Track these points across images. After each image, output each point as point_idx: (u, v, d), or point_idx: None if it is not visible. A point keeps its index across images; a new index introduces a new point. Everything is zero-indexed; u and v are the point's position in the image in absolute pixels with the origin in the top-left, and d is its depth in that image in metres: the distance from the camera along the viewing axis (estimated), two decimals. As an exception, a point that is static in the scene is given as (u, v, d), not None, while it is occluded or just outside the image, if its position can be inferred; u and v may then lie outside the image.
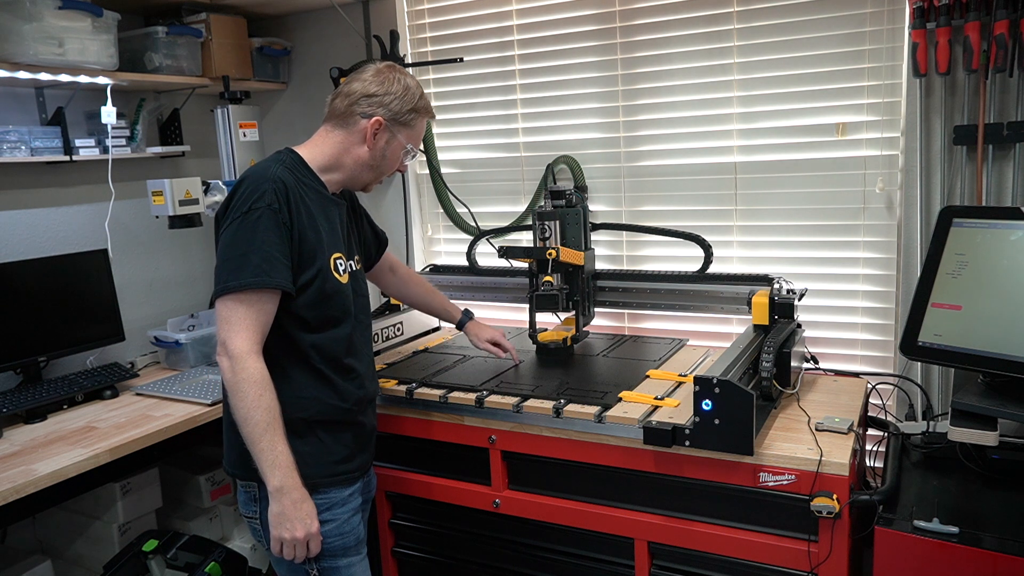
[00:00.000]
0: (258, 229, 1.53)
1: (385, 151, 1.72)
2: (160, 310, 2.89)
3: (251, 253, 1.51)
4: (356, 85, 1.68)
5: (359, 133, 1.68)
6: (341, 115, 1.69)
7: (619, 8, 2.49)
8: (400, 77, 1.70)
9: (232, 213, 1.55)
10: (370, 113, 1.67)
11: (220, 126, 2.59)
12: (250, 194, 1.55)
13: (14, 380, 2.40)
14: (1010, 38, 1.84)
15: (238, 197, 1.56)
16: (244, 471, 1.63)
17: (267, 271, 1.52)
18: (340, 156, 1.70)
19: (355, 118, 1.68)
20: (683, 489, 1.81)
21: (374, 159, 1.71)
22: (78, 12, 2.25)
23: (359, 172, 1.73)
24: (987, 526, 1.58)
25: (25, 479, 1.81)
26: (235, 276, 1.51)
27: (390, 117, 1.68)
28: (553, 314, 2.45)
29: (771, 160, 2.36)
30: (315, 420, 1.65)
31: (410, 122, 1.72)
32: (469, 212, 2.81)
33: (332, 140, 1.70)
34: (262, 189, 1.55)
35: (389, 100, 1.67)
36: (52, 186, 2.57)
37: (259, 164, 1.65)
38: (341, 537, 1.67)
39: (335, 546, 1.66)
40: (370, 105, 1.67)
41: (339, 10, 2.82)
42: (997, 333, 1.68)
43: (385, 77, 1.69)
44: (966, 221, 1.82)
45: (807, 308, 2.29)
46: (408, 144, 1.74)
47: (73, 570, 2.52)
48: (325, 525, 1.62)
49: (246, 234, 1.53)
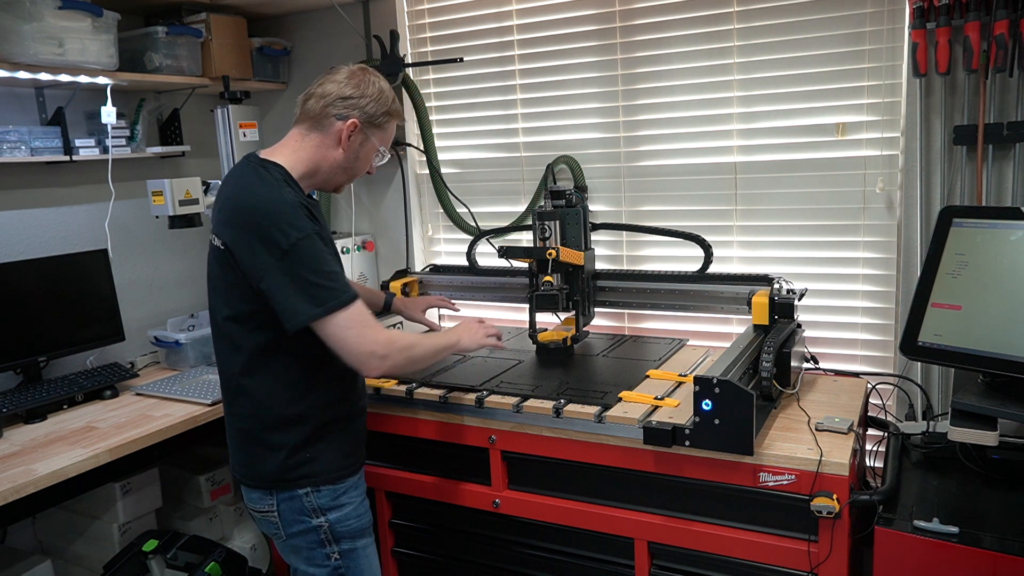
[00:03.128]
0: (314, 254, 1.55)
1: (359, 153, 1.72)
2: (160, 310, 2.89)
3: (320, 279, 1.54)
4: (330, 87, 1.68)
5: (334, 135, 1.68)
6: (315, 117, 1.68)
7: (619, 8, 2.49)
8: (374, 80, 1.71)
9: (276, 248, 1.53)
10: (345, 115, 1.67)
11: (220, 126, 2.59)
12: (288, 226, 1.54)
13: (14, 380, 2.40)
14: (1010, 38, 1.84)
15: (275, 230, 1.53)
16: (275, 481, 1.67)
17: (337, 293, 1.56)
18: (317, 161, 1.70)
19: (330, 120, 1.67)
20: (683, 489, 1.81)
21: (348, 161, 1.71)
22: (78, 12, 2.25)
23: (333, 174, 1.73)
24: (987, 526, 1.58)
25: (25, 479, 1.81)
26: (315, 304, 1.53)
27: (365, 120, 1.69)
28: (553, 314, 2.45)
29: (771, 160, 2.36)
30: (339, 417, 1.72)
31: (383, 124, 1.73)
32: (469, 212, 2.81)
33: (309, 144, 1.69)
34: (298, 216, 1.56)
35: (365, 103, 1.68)
36: (52, 186, 2.57)
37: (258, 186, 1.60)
38: (358, 519, 1.75)
39: (353, 528, 1.73)
40: (345, 107, 1.66)
41: (339, 10, 2.82)
42: (997, 333, 1.68)
43: (360, 80, 1.69)
44: (966, 221, 1.82)
45: (807, 308, 2.29)
46: (381, 146, 1.76)
47: (73, 570, 2.52)
48: (344, 509, 1.71)
49: (307, 263, 1.54)
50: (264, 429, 1.66)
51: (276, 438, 1.66)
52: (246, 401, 1.67)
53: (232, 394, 1.70)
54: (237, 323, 1.64)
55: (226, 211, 1.62)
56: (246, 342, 1.64)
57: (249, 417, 1.68)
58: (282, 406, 1.66)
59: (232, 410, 1.71)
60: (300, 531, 1.70)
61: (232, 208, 1.60)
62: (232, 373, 1.67)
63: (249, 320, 1.62)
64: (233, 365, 1.67)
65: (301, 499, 1.68)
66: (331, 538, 1.70)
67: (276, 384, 1.65)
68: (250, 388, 1.66)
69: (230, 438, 1.75)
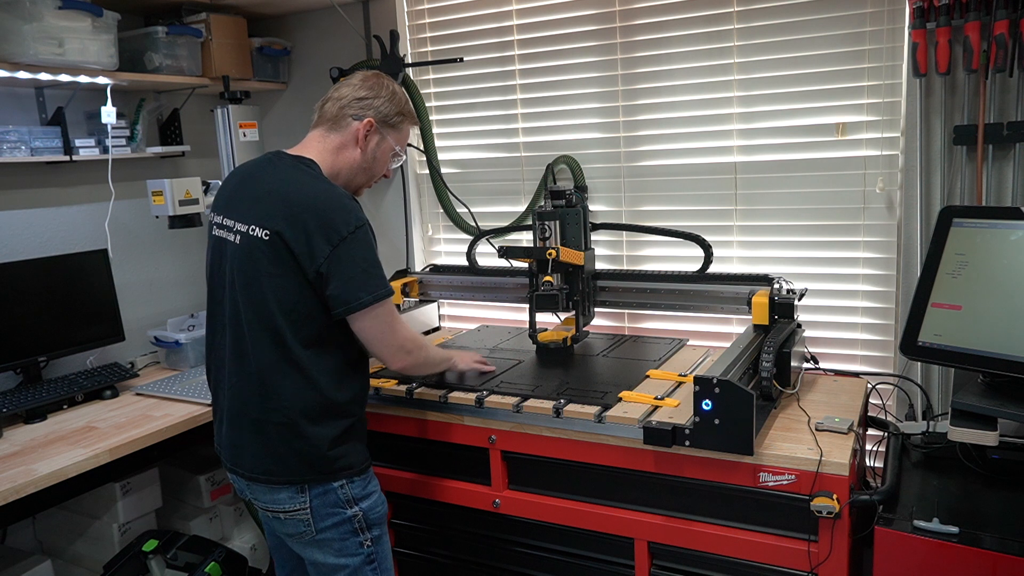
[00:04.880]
0: (369, 245, 1.67)
1: (376, 153, 1.82)
2: (160, 310, 2.89)
3: (373, 267, 1.67)
4: (346, 90, 1.79)
5: (351, 135, 1.77)
6: (333, 119, 1.78)
7: (619, 8, 2.49)
8: (387, 83, 1.82)
9: (335, 236, 1.62)
10: (361, 115, 1.77)
11: (220, 126, 2.60)
12: (346, 214, 1.64)
13: (14, 380, 2.40)
14: (1010, 38, 1.84)
15: (336, 220, 1.63)
16: (315, 475, 1.69)
17: (386, 282, 1.69)
18: (339, 162, 1.78)
19: (347, 120, 1.77)
20: (683, 489, 1.81)
21: (366, 161, 1.80)
22: (78, 12, 2.25)
23: (354, 175, 1.81)
24: (987, 526, 1.58)
25: (25, 479, 1.81)
26: (366, 290, 1.64)
27: (380, 119, 1.79)
28: (553, 314, 2.45)
29: (771, 160, 2.36)
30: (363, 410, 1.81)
31: (397, 125, 1.83)
32: (469, 212, 2.81)
33: (330, 145, 1.78)
34: (355, 208, 1.67)
35: (379, 103, 1.78)
36: (52, 186, 2.57)
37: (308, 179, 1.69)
38: (383, 505, 1.82)
39: (380, 514, 1.80)
40: (361, 108, 1.77)
41: (339, 10, 2.82)
42: (997, 333, 1.68)
43: (374, 83, 1.80)
44: (966, 221, 1.82)
45: (807, 308, 2.29)
46: (396, 146, 1.84)
47: (73, 570, 2.52)
48: (372, 497, 1.78)
49: (362, 251, 1.65)
50: (307, 421, 1.66)
51: (317, 431, 1.67)
52: (288, 393, 1.65)
53: (268, 386, 1.66)
54: (286, 312, 1.64)
55: (275, 202, 1.66)
56: (293, 333, 1.64)
57: (289, 410, 1.65)
58: (328, 397, 1.67)
59: (267, 404, 1.66)
60: (333, 524, 1.71)
61: (283, 199, 1.65)
62: (270, 366, 1.65)
63: (294, 311, 1.64)
64: (273, 357, 1.65)
65: (336, 491, 1.70)
66: (364, 526, 1.75)
67: (322, 375, 1.67)
68: (294, 379, 1.65)
69: (250, 436, 1.70)
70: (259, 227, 1.65)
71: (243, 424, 1.71)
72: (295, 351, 1.65)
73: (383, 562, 1.80)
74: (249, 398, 1.68)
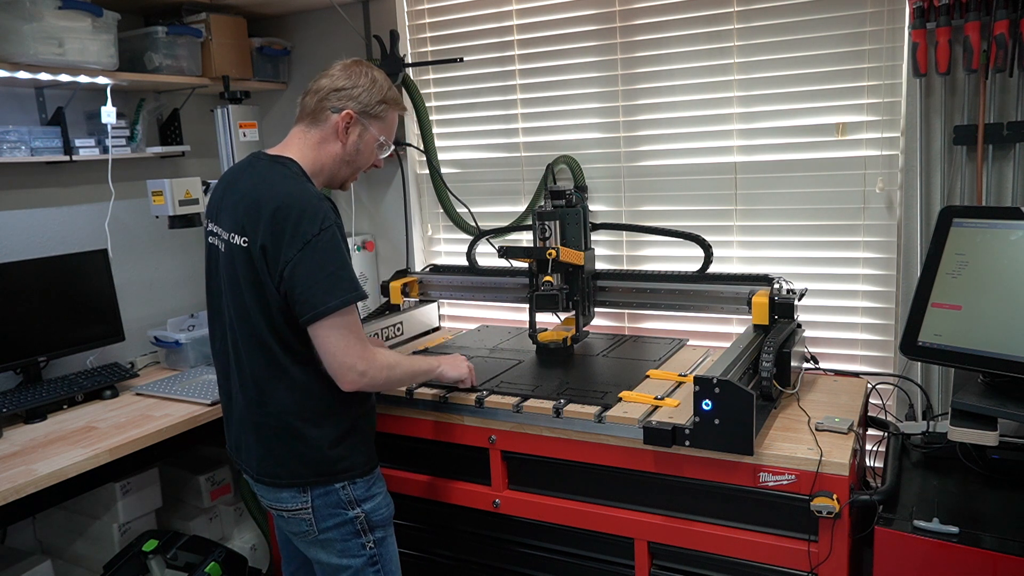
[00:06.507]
0: (335, 247, 1.57)
1: (359, 144, 1.73)
2: (160, 310, 2.89)
3: (340, 271, 1.57)
4: (324, 81, 1.70)
5: (331, 128, 1.70)
6: (312, 112, 1.70)
7: (619, 8, 2.49)
8: (367, 70, 1.73)
9: (299, 239, 1.55)
10: (340, 107, 1.69)
11: (220, 126, 2.60)
12: (312, 216, 1.56)
13: (14, 380, 2.40)
14: (1010, 38, 1.84)
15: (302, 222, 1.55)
16: (316, 476, 1.68)
17: (356, 285, 1.60)
18: (321, 157, 1.71)
19: (326, 113, 1.69)
20: (683, 489, 1.81)
21: (348, 154, 1.73)
22: (78, 12, 2.25)
23: (337, 169, 1.74)
24: (987, 526, 1.58)
25: (25, 479, 1.81)
26: (332, 295, 1.55)
27: (360, 110, 1.70)
28: (553, 314, 2.45)
29: (771, 160, 2.36)
30: (368, 410, 1.78)
31: (380, 114, 1.74)
32: (469, 212, 2.81)
33: (311, 141, 1.71)
34: (322, 209, 1.58)
35: (358, 92, 1.69)
36: (52, 186, 2.57)
37: (280, 180, 1.62)
38: (387, 507, 1.80)
39: (385, 516, 1.78)
40: (339, 99, 1.69)
41: (339, 10, 2.82)
42: (997, 333, 1.68)
43: (352, 71, 1.71)
44: (966, 221, 1.82)
45: (807, 308, 2.29)
46: (381, 137, 1.76)
47: (73, 570, 2.52)
48: (376, 499, 1.76)
49: (328, 254, 1.56)
50: (304, 424, 1.65)
51: (316, 432, 1.66)
52: (283, 397, 1.64)
53: (263, 391, 1.66)
54: (269, 318, 1.61)
55: (248, 207, 1.60)
56: (279, 340, 1.62)
57: (285, 414, 1.65)
58: (322, 399, 1.66)
59: (265, 408, 1.66)
60: (335, 524, 1.70)
61: (254, 203, 1.59)
62: (263, 372, 1.64)
63: (276, 318, 1.61)
64: (264, 364, 1.64)
65: (337, 492, 1.69)
66: (366, 528, 1.73)
67: (316, 378, 1.65)
68: (288, 383, 1.64)
69: (253, 439, 1.70)
70: (237, 235, 1.61)
71: (246, 427, 1.71)
72: (284, 357, 1.63)
73: (387, 564, 1.78)
74: (248, 403, 1.69)
